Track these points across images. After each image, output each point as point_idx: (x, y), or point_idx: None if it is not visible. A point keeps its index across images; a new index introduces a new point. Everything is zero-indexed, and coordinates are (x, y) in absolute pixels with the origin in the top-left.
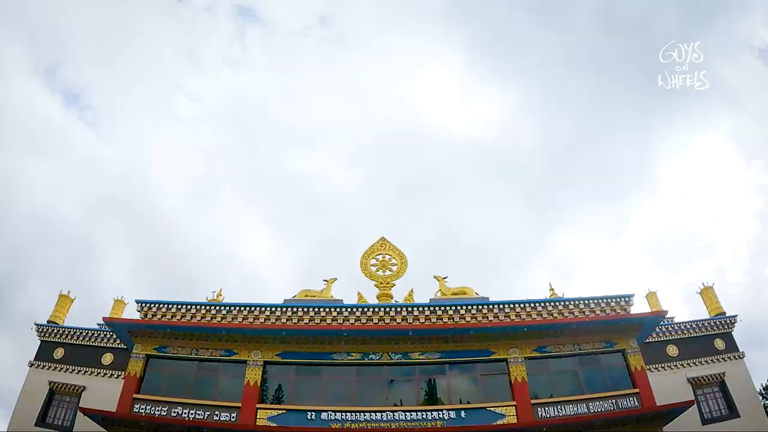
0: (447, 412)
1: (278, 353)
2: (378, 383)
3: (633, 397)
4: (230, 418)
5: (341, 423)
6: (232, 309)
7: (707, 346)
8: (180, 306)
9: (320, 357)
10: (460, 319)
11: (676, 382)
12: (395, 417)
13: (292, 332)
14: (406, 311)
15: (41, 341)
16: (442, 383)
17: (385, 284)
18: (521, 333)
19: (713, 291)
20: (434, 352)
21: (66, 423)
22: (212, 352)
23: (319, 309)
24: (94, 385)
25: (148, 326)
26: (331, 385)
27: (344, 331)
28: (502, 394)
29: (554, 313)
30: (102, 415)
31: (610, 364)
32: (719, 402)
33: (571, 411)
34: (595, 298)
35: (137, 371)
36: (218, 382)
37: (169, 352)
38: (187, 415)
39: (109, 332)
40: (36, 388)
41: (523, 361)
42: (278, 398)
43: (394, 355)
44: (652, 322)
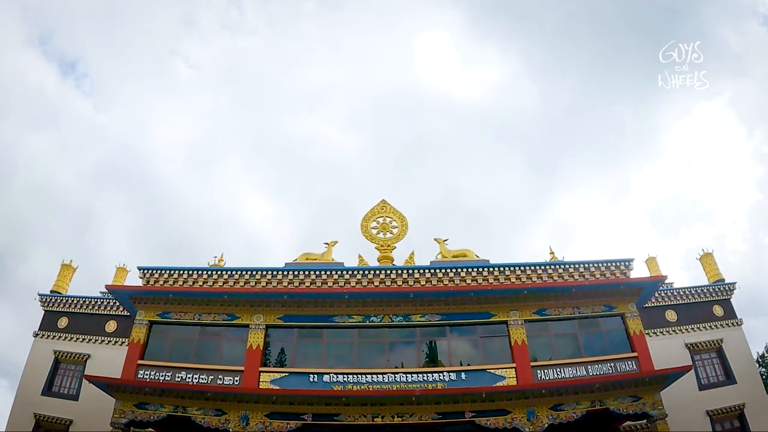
0: (447, 374)
1: (280, 317)
2: (379, 345)
3: (631, 361)
4: (233, 381)
5: (343, 385)
6: (233, 273)
7: (706, 312)
8: (182, 271)
9: (322, 320)
10: (460, 281)
11: (674, 348)
12: (396, 379)
13: (294, 295)
14: (406, 273)
15: (45, 311)
16: (443, 345)
17: (385, 247)
18: (521, 296)
19: (713, 258)
20: (435, 315)
21: (72, 391)
22: (214, 316)
23: (320, 272)
24: (98, 352)
25: (150, 292)
26: (332, 347)
27: (345, 294)
28: (502, 356)
29: (554, 276)
30: (107, 382)
31: (609, 327)
32: (716, 368)
33: (570, 374)
34: (595, 262)
35: (141, 337)
36: (221, 347)
37: (171, 318)
38: (191, 379)
39: (112, 300)
40: (41, 357)
41: (523, 323)
42: (280, 361)
43: (395, 317)
44: (651, 287)
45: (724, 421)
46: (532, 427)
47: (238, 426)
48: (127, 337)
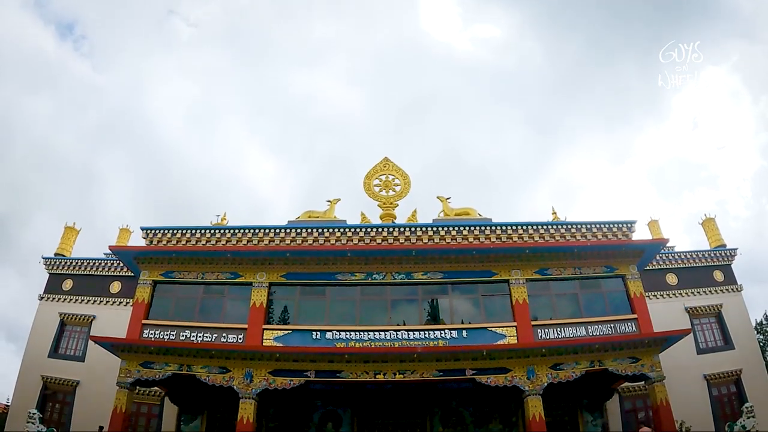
0: (449, 332)
1: (283, 274)
2: (381, 303)
3: (631, 323)
4: (237, 339)
5: (345, 342)
6: (236, 232)
7: (706, 277)
8: (185, 231)
9: (324, 277)
10: (462, 239)
11: (674, 311)
12: (398, 336)
13: (297, 253)
14: (409, 231)
15: (49, 274)
16: (444, 303)
17: (388, 204)
18: (523, 255)
19: (715, 223)
20: (437, 273)
21: (78, 353)
22: (218, 275)
23: (322, 230)
24: (103, 313)
25: (153, 252)
26: (335, 305)
27: (348, 252)
28: (503, 315)
29: (556, 236)
30: (112, 343)
31: (610, 289)
32: (715, 333)
33: (570, 333)
34: (598, 223)
35: (145, 297)
36: (224, 305)
37: (175, 277)
38: (195, 338)
39: (115, 261)
40: (47, 320)
41: (524, 282)
42: (284, 319)
43: (397, 275)
44: (653, 250)
45: (721, 386)
46: (531, 386)
47: (242, 383)
48: (131, 297)
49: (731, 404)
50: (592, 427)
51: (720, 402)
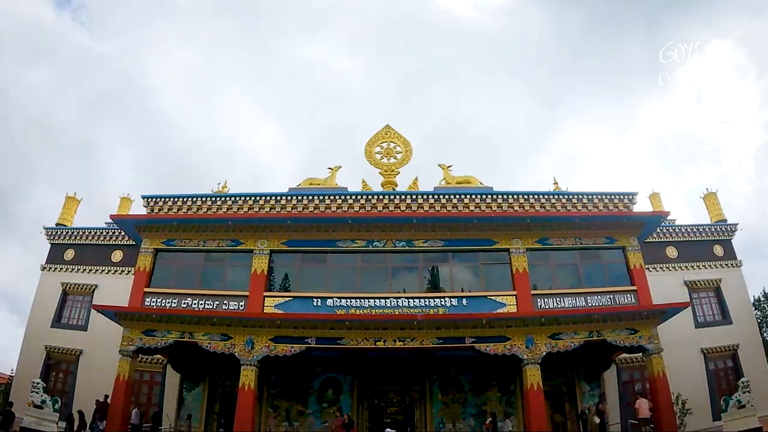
0: (449, 300)
1: (284, 242)
2: (382, 270)
3: (630, 294)
4: (238, 306)
5: (346, 309)
6: (237, 199)
7: (706, 251)
8: (186, 199)
9: (325, 244)
10: (464, 208)
11: (673, 284)
12: (398, 303)
13: (298, 220)
14: (410, 199)
15: (51, 244)
16: (445, 271)
17: (389, 172)
18: (524, 224)
19: (716, 197)
20: (437, 240)
21: (81, 322)
22: (219, 242)
23: (323, 197)
24: (105, 282)
25: (155, 221)
26: (335, 272)
27: (349, 219)
28: (503, 283)
29: (557, 206)
30: (115, 311)
31: (610, 260)
32: (713, 307)
33: (569, 303)
34: (599, 194)
35: (146, 266)
36: (226, 272)
37: (176, 245)
38: (196, 305)
39: (117, 230)
40: (49, 290)
41: (524, 252)
42: (284, 286)
43: (398, 242)
44: (654, 222)
45: (718, 360)
46: (530, 355)
47: (244, 350)
48: (133, 266)
49: (727, 379)
50: (590, 397)
51: (716, 376)
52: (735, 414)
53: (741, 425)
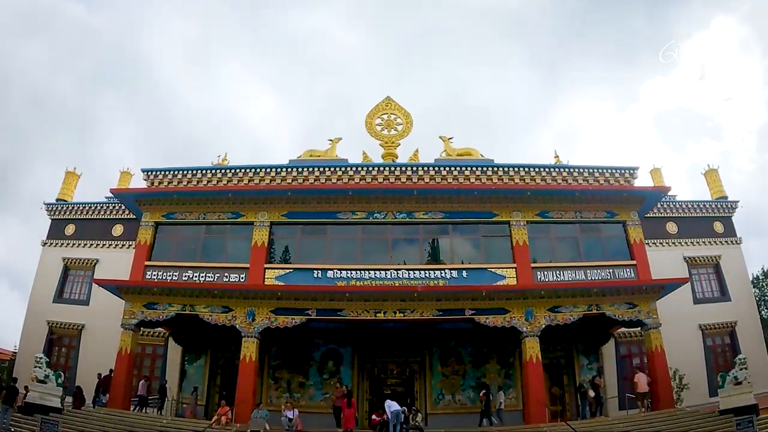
0: (449, 272)
1: (284, 213)
2: (382, 242)
3: (630, 269)
4: (239, 278)
5: (346, 281)
6: (237, 171)
7: (706, 227)
8: (186, 172)
9: (325, 216)
10: (464, 180)
11: (673, 260)
12: (399, 275)
13: (298, 192)
14: (410, 171)
15: (52, 220)
16: (445, 243)
17: (390, 144)
18: (525, 197)
19: (717, 174)
20: (438, 212)
21: (82, 297)
22: (219, 215)
23: (324, 168)
24: (106, 257)
25: (155, 194)
26: (336, 243)
27: (349, 190)
28: (503, 256)
29: (558, 179)
30: (116, 285)
31: (610, 234)
32: (712, 284)
33: (569, 277)
34: (600, 168)
35: (147, 239)
36: (226, 245)
37: (177, 218)
38: (197, 278)
39: (117, 204)
40: (50, 266)
41: (525, 224)
42: (285, 258)
43: (398, 214)
44: (654, 197)
45: (715, 337)
46: (529, 327)
47: (245, 322)
48: (133, 239)
49: (724, 355)
50: (588, 370)
51: (714, 352)
52: (731, 390)
53: (737, 402)
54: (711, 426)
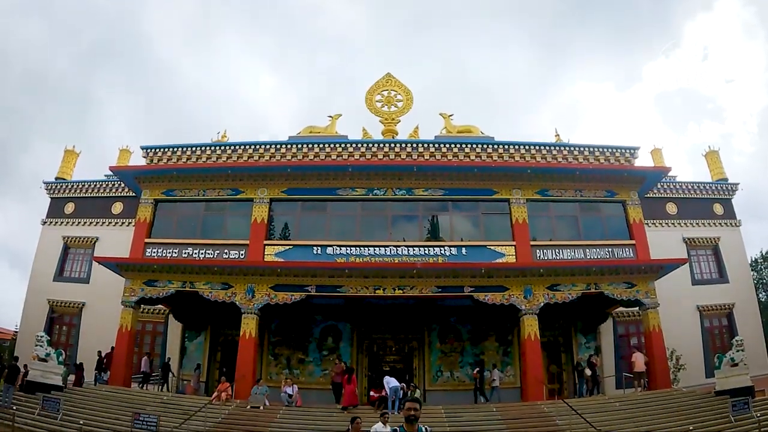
0: (448, 249)
1: (284, 190)
2: (382, 219)
3: (629, 248)
4: (239, 255)
5: (346, 257)
6: (237, 148)
7: (706, 209)
8: (185, 149)
9: (325, 193)
10: (464, 157)
11: (672, 240)
12: (398, 252)
13: (298, 168)
14: (411, 147)
15: (51, 198)
16: (445, 220)
17: (390, 120)
18: (525, 174)
19: (718, 156)
20: (438, 189)
21: (83, 275)
22: (219, 192)
23: (324, 145)
24: (106, 235)
25: (154, 171)
26: (336, 220)
27: (349, 167)
28: (502, 234)
29: (558, 157)
30: (116, 262)
31: (610, 213)
32: (711, 265)
33: (568, 255)
34: (600, 147)
35: (147, 216)
36: (226, 222)
37: (176, 195)
38: (197, 254)
39: (117, 182)
40: (50, 244)
41: (524, 202)
42: (284, 235)
43: (398, 190)
44: (655, 177)
45: (713, 318)
46: (528, 305)
47: (244, 299)
48: (133, 217)
49: (722, 337)
50: (586, 349)
51: (711, 334)
52: (728, 372)
53: (733, 383)
54: (707, 406)
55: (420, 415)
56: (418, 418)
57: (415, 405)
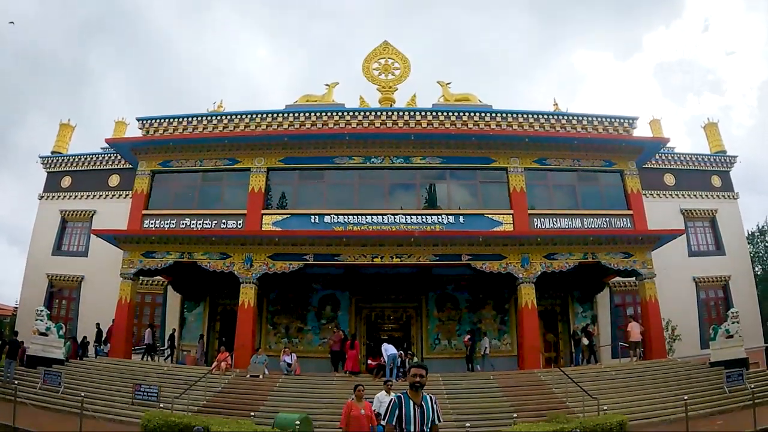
0: (446, 217)
1: (281, 159)
2: (379, 187)
3: (626, 219)
4: (237, 225)
5: (343, 226)
6: (233, 118)
7: (704, 181)
8: (181, 119)
9: (322, 161)
10: (462, 125)
11: (669, 211)
12: (396, 220)
13: (295, 137)
14: (408, 115)
15: (48, 173)
16: (442, 189)
17: (387, 88)
18: (523, 143)
19: (717, 128)
20: (435, 158)
21: (81, 248)
22: (216, 162)
23: (320, 113)
24: (103, 207)
25: (150, 142)
26: (333, 188)
27: (346, 135)
28: (500, 202)
29: (557, 126)
30: (114, 235)
31: (608, 183)
32: (707, 237)
33: (565, 224)
34: (599, 117)
35: (144, 188)
36: (223, 192)
37: (173, 166)
38: (195, 225)
39: (113, 154)
40: (48, 219)
41: (522, 171)
42: (282, 204)
43: (395, 159)
44: (653, 147)
45: (709, 290)
46: (525, 274)
47: (243, 268)
48: (130, 189)
49: (717, 308)
50: (582, 318)
51: (707, 305)
52: (723, 343)
53: (728, 354)
54: (701, 377)
55: (426, 382)
56: (423, 385)
57: (421, 371)
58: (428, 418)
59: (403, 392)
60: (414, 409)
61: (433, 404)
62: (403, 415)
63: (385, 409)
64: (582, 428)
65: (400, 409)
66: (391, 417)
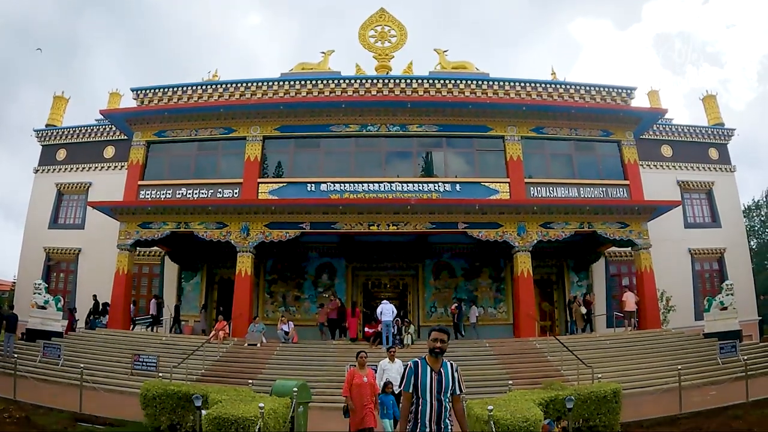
0: (442, 185)
1: (277, 128)
2: (375, 155)
3: (623, 189)
4: (233, 194)
5: (340, 194)
6: (228, 86)
7: (701, 153)
8: (176, 89)
9: (319, 129)
10: (459, 93)
11: (666, 183)
12: (392, 188)
13: (291, 105)
14: (404, 83)
15: (42, 146)
16: (439, 157)
17: (383, 56)
18: (520, 112)
19: (715, 100)
20: (432, 126)
21: (77, 221)
22: (211, 131)
23: (316, 81)
24: (99, 179)
25: (145, 113)
26: (329, 157)
27: (342, 103)
28: (497, 171)
29: (554, 95)
30: (110, 206)
31: (605, 153)
32: (704, 209)
33: (562, 193)
34: (597, 86)
35: (139, 159)
36: (219, 161)
37: (168, 136)
38: (191, 195)
39: (108, 125)
40: (44, 192)
41: (519, 139)
42: (278, 173)
43: (392, 127)
44: (650, 118)
45: (704, 262)
46: (521, 242)
47: (239, 237)
48: (126, 160)
49: (712, 280)
50: (578, 287)
51: (701, 277)
52: (717, 315)
53: (721, 326)
54: (695, 348)
55: (447, 348)
56: (444, 351)
57: (443, 336)
58: (447, 386)
59: (421, 358)
60: (431, 376)
61: (453, 372)
62: (419, 383)
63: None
64: (577, 396)
65: (416, 376)
66: (407, 384)
